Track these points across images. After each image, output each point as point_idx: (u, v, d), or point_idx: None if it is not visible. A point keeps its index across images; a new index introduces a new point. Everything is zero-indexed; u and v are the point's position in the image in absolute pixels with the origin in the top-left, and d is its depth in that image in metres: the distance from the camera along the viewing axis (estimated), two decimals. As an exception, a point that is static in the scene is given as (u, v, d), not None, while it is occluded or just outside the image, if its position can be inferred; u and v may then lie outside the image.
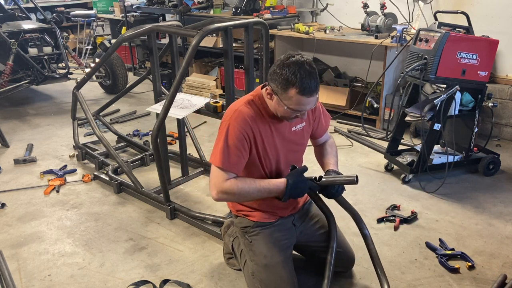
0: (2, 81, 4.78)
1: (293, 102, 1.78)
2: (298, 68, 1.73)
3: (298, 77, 1.72)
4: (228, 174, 1.88)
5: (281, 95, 1.79)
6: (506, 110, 3.99)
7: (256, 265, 2.02)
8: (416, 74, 3.11)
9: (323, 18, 5.18)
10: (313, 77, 1.75)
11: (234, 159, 1.88)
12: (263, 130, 1.93)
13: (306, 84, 1.73)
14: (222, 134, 1.89)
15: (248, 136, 1.88)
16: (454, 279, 2.28)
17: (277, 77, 1.78)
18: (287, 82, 1.75)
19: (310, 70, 1.75)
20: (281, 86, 1.77)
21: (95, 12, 6.09)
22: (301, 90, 1.74)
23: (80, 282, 2.29)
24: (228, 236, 2.30)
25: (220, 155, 1.88)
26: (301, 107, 1.80)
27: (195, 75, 5.47)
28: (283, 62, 1.77)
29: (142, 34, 3.05)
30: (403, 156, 3.45)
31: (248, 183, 1.89)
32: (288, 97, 1.78)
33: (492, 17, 3.99)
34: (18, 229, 2.78)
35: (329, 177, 1.98)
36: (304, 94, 1.75)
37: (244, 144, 1.88)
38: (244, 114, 1.88)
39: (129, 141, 3.98)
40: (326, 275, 2.04)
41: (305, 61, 1.76)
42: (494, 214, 2.88)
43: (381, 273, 2.07)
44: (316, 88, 1.77)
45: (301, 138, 2.10)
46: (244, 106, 1.92)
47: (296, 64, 1.74)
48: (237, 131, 1.86)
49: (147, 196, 3.04)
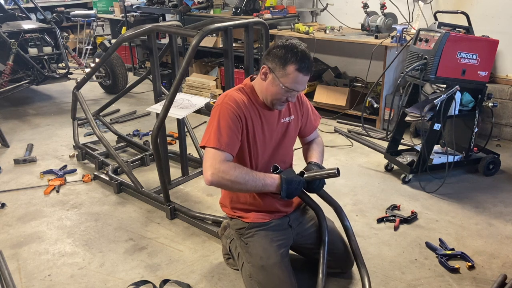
0: (2, 81, 4.78)
1: (289, 79, 1.85)
2: (296, 48, 1.85)
3: (298, 55, 1.83)
4: (224, 154, 1.85)
5: (279, 72, 1.86)
6: (506, 110, 3.99)
7: (253, 267, 2.02)
8: (416, 74, 3.11)
9: (323, 18, 5.18)
10: (309, 58, 1.87)
11: (228, 139, 1.87)
12: (254, 117, 1.97)
13: (305, 62, 1.84)
14: (215, 116, 1.91)
15: (240, 117, 1.91)
16: (454, 279, 2.28)
17: (276, 54, 1.86)
18: (286, 58, 1.84)
19: (306, 52, 1.87)
20: (280, 63, 1.85)
21: (95, 12, 6.09)
22: (299, 67, 1.84)
23: (80, 282, 2.29)
24: (225, 238, 2.30)
25: (214, 135, 1.86)
26: (295, 85, 1.87)
27: (195, 75, 5.47)
28: (283, 42, 1.88)
29: (142, 34, 3.05)
30: (403, 156, 3.45)
31: (245, 171, 1.87)
32: (285, 74, 1.85)
33: (492, 17, 3.99)
34: (18, 229, 2.78)
35: (311, 173, 1.98)
36: (302, 71, 1.84)
37: (237, 124, 1.90)
38: (236, 98, 1.94)
39: (129, 141, 3.98)
40: (320, 270, 2.03)
41: (301, 44, 1.89)
42: (494, 214, 2.88)
43: (362, 264, 2.09)
44: (311, 69, 1.88)
45: (290, 131, 2.11)
46: (235, 91, 1.98)
47: (293, 46, 1.86)
48: (230, 112, 1.89)
49: (147, 196, 3.04)
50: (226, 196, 2.17)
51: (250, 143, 1.98)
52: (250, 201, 2.09)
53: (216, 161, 1.83)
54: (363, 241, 2.59)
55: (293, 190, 1.91)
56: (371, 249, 2.52)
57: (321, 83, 4.91)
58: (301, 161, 2.29)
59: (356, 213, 2.89)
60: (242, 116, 1.92)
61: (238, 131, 1.91)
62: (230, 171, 1.82)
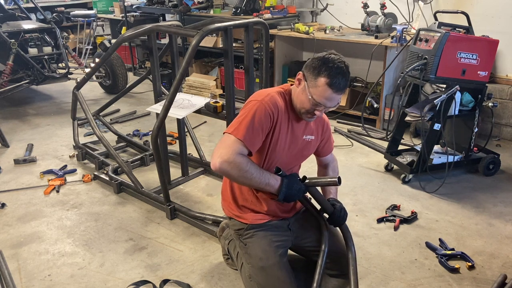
0: (2, 81, 4.78)
1: (318, 92, 1.82)
2: (334, 63, 1.80)
3: (332, 69, 1.79)
4: (244, 148, 1.84)
5: (310, 81, 1.84)
6: (506, 110, 3.99)
7: (253, 268, 2.01)
8: (416, 74, 3.11)
9: (323, 18, 5.18)
10: (345, 77, 1.82)
11: (255, 137, 1.87)
12: (283, 124, 1.96)
13: (336, 78, 1.79)
14: (251, 110, 1.87)
15: (272, 120, 1.90)
16: (454, 279, 2.28)
17: (313, 64, 1.84)
18: (320, 70, 1.81)
19: (345, 71, 1.81)
20: (313, 72, 1.83)
21: (95, 12, 6.09)
22: (330, 81, 1.79)
23: (80, 282, 2.29)
24: (223, 239, 2.30)
25: (244, 128, 1.84)
26: (323, 100, 1.83)
27: (195, 75, 5.44)
28: (325, 55, 1.84)
29: (142, 34, 3.05)
30: (403, 156, 3.45)
31: (255, 166, 1.87)
32: (315, 85, 1.82)
33: (492, 17, 3.99)
34: (18, 229, 2.78)
35: (312, 179, 1.97)
36: (331, 86, 1.80)
37: (268, 124, 1.89)
38: (276, 100, 1.92)
39: (129, 141, 3.98)
40: (316, 279, 2.02)
41: (343, 61, 1.83)
42: (494, 214, 2.88)
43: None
44: (343, 88, 1.83)
45: (307, 149, 2.12)
46: (276, 94, 1.95)
47: (333, 61, 1.81)
48: (267, 111, 1.88)
49: (147, 196, 3.04)
50: (228, 191, 2.15)
51: (270, 147, 1.97)
52: (251, 199, 2.09)
53: (233, 150, 1.81)
54: (363, 241, 2.59)
55: (291, 195, 1.91)
56: (371, 249, 2.52)
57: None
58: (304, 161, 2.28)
59: (356, 213, 2.89)
60: (275, 119, 1.91)
61: (264, 132, 1.90)
62: (242, 164, 1.81)
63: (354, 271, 2.04)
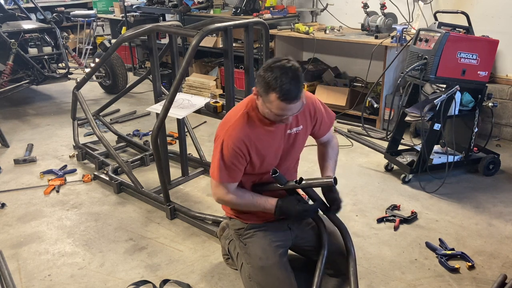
0: (2, 81, 4.78)
1: (274, 106, 1.78)
2: (281, 73, 1.71)
3: (279, 82, 1.71)
4: (228, 185, 1.98)
5: (264, 98, 1.79)
6: (506, 110, 3.99)
7: (252, 268, 2.01)
8: (416, 74, 3.11)
9: (323, 18, 5.18)
10: (295, 84, 1.73)
11: (231, 173, 1.95)
12: (258, 140, 1.94)
13: (286, 90, 1.71)
14: (217, 150, 1.94)
15: (242, 152, 1.91)
16: (454, 279, 2.28)
17: (260, 80, 1.78)
18: (268, 86, 1.73)
19: (293, 77, 1.72)
20: (263, 89, 1.77)
21: (95, 12, 6.09)
22: (281, 96, 1.72)
23: (80, 282, 2.29)
24: (224, 239, 2.30)
25: (217, 171, 1.95)
26: (282, 112, 1.79)
27: (195, 75, 5.45)
28: (268, 65, 1.76)
29: (142, 34, 3.05)
30: (403, 156, 3.45)
31: (246, 199, 2.01)
32: (269, 101, 1.77)
33: (492, 17, 3.99)
34: (18, 229, 2.78)
35: (308, 180, 1.98)
36: (284, 100, 1.73)
37: (239, 159, 1.93)
38: (237, 132, 1.90)
39: (129, 141, 3.98)
40: (315, 282, 2.03)
41: (290, 67, 1.73)
42: (494, 214, 2.88)
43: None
44: (297, 95, 1.74)
45: (297, 142, 2.07)
46: (237, 122, 1.92)
47: (280, 69, 1.72)
48: (231, 149, 1.90)
49: (147, 196, 3.04)
50: None
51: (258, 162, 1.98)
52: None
53: (221, 193, 2.00)
54: (363, 241, 2.59)
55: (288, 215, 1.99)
56: (371, 249, 2.52)
57: (321, 83, 4.91)
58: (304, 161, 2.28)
59: (356, 213, 2.89)
60: (244, 149, 1.91)
61: (241, 163, 1.95)
62: (233, 201, 2.01)
63: (354, 273, 2.04)
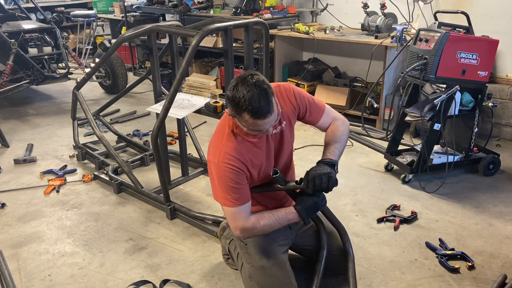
0: (2, 81, 4.78)
1: (250, 125, 1.77)
2: (247, 91, 1.70)
3: (247, 101, 1.69)
4: (242, 208, 1.89)
5: (238, 118, 1.79)
6: (506, 110, 3.99)
7: (253, 268, 2.01)
8: (416, 74, 3.11)
9: (323, 18, 5.18)
10: (264, 98, 1.71)
11: (241, 194, 1.88)
12: (250, 155, 1.92)
13: (257, 108, 1.70)
14: (219, 177, 1.88)
15: (242, 170, 1.88)
16: (454, 279, 2.28)
17: (229, 102, 1.77)
18: (238, 107, 1.73)
19: (260, 92, 1.70)
20: (234, 111, 1.77)
21: (95, 12, 6.09)
22: (253, 115, 1.71)
23: (80, 282, 2.29)
24: (224, 239, 2.30)
25: (229, 197, 1.87)
26: (259, 127, 1.78)
27: (195, 75, 5.44)
28: (233, 85, 1.75)
29: (142, 34, 3.05)
30: (403, 156, 3.45)
31: (267, 217, 1.92)
32: (244, 120, 1.76)
33: (492, 17, 3.99)
34: (18, 229, 2.78)
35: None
36: (258, 118, 1.72)
37: (241, 178, 1.88)
38: (230, 153, 1.87)
39: (129, 141, 3.98)
40: (315, 283, 2.03)
41: (255, 83, 1.72)
42: (494, 214, 2.88)
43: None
44: (269, 110, 1.72)
45: (285, 137, 2.05)
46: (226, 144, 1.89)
47: (245, 87, 1.71)
48: (232, 171, 1.85)
49: (147, 196, 3.04)
50: None
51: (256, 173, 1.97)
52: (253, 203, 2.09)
53: (241, 220, 1.89)
54: (363, 241, 2.59)
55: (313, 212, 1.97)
56: (371, 249, 2.52)
57: (321, 83, 4.91)
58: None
59: (356, 213, 2.89)
60: (243, 167, 1.89)
61: (245, 182, 1.90)
62: (256, 226, 1.90)
63: (353, 274, 2.04)
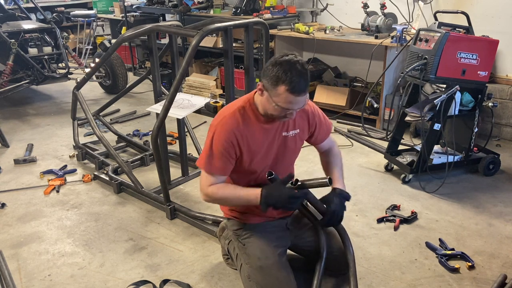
0: (2, 81, 4.78)
1: (282, 100, 1.80)
2: (289, 66, 1.76)
3: (288, 75, 1.75)
4: (213, 177, 1.96)
5: (271, 91, 1.82)
6: (506, 110, 3.99)
7: (251, 268, 2.01)
8: (416, 74, 3.11)
9: (323, 18, 5.18)
10: (304, 77, 1.78)
11: (219, 163, 1.94)
12: (251, 136, 1.94)
13: (296, 82, 1.76)
14: (209, 139, 1.96)
15: (232, 144, 1.92)
16: (454, 279, 2.28)
17: (268, 73, 1.81)
18: (278, 78, 1.77)
19: (301, 70, 1.77)
20: (271, 82, 1.80)
21: (95, 12, 6.09)
22: (290, 88, 1.76)
23: (80, 282, 2.29)
24: (223, 239, 2.30)
25: (204, 159, 1.97)
26: (289, 105, 1.82)
27: (195, 75, 5.45)
28: (276, 59, 1.81)
29: (142, 34, 3.05)
30: (403, 156, 3.45)
31: (228, 191, 1.97)
32: (277, 94, 1.80)
33: (492, 17, 3.99)
34: (18, 229, 2.78)
35: (304, 180, 1.95)
36: (293, 92, 1.77)
37: (229, 150, 1.93)
38: (229, 124, 1.92)
39: (129, 141, 3.98)
40: (314, 284, 2.03)
41: (297, 61, 1.78)
42: (494, 214, 2.88)
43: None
44: (305, 88, 1.80)
45: (294, 144, 2.08)
46: (232, 114, 1.94)
47: (288, 63, 1.77)
48: (222, 139, 1.91)
49: (147, 196, 3.04)
50: None
51: (249, 159, 1.98)
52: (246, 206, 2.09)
53: (205, 184, 1.98)
54: (363, 241, 2.59)
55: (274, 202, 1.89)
56: (371, 249, 2.52)
57: (321, 83, 4.92)
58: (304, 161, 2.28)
59: (356, 213, 2.89)
60: (234, 141, 1.91)
61: (231, 156, 1.94)
62: (215, 193, 1.96)
63: (353, 274, 2.04)
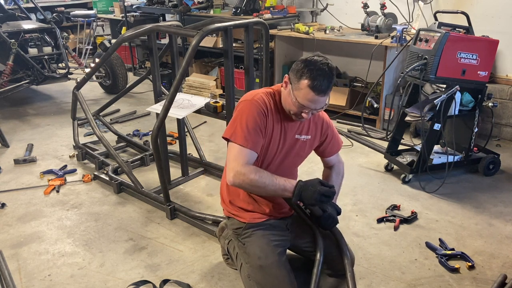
0: (2, 81, 4.78)
1: (301, 95, 1.82)
2: (317, 66, 1.80)
3: (314, 72, 1.79)
4: (248, 153, 1.88)
5: (294, 84, 1.85)
6: (506, 110, 3.99)
7: (251, 267, 2.01)
8: (416, 74, 3.11)
9: (323, 18, 5.18)
10: (328, 79, 1.81)
11: (255, 136, 1.89)
12: (275, 123, 1.98)
13: (319, 81, 1.79)
14: (243, 111, 1.91)
15: (266, 115, 1.93)
16: (454, 279, 2.28)
17: (296, 67, 1.85)
18: (302, 73, 1.81)
19: (327, 72, 1.80)
20: (296, 75, 1.84)
21: (95, 12, 6.09)
22: (312, 84, 1.79)
23: (80, 282, 2.29)
24: (223, 239, 2.30)
25: (240, 131, 1.87)
26: (307, 102, 1.83)
27: (195, 75, 5.45)
28: (308, 57, 1.85)
29: (142, 34, 3.05)
30: (403, 156, 3.45)
31: (265, 175, 1.88)
32: (298, 88, 1.83)
33: (492, 17, 3.99)
34: (18, 229, 2.78)
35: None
36: (313, 89, 1.80)
37: (263, 121, 1.92)
38: (265, 99, 1.95)
39: (129, 141, 3.98)
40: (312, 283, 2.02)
41: (327, 63, 1.82)
42: (494, 214, 2.88)
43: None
44: (326, 89, 1.82)
45: (303, 149, 2.10)
46: (264, 95, 1.97)
47: (317, 62, 1.81)
48: (258, 109, 1.91)
49: (147, 196, 3.04)
50: (226, 190, 2.16)
51: (263, 147, 1.97)
52: (248, 200, 2.09)
53: (240, 163, 1.86)
54: (363, 241, 2.59)
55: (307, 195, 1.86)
56: (371, 249, 2.52)
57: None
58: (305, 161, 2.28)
59: (356, 213, 2.89)
60: (268, 115, 1.94)
61: (263, 128, 1.93)
62: (251, 174, 1.85)
63: (351, 276, 2.03)
